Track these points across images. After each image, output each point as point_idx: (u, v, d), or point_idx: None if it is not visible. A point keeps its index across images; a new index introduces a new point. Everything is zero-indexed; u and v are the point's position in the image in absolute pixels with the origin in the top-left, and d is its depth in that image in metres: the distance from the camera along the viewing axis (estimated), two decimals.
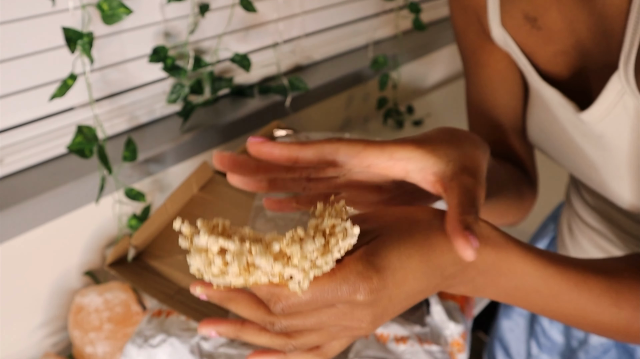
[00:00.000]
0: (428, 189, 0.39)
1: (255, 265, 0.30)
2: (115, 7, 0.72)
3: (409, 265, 0.34)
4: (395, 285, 0.33)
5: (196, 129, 0.97)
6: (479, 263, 0.37)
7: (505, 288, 0.39)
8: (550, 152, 0.59)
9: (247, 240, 0.31)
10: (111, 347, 0.87)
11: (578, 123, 0.51)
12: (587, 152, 0.52)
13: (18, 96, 0.81)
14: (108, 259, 0.64)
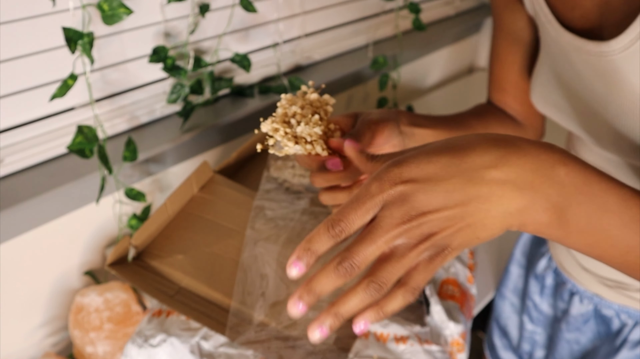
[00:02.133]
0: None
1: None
2: (115, 7, 0.72)
3: (439, 160, 0.35)
4: (426, 177, 0.34)
5: (196, 129, 0.97)
6: (548, 171, 0.35)
7: (588, 214, 0.36)
8: (556, 104, 0.60)
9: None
10: (111, 347, 0.87)
11: (594, 62, 0.52)
12: (598, 91, 0.53)
13: (18, 96, 0.81)
14: (108, 259, 0.64)
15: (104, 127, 0.86)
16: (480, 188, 0.34)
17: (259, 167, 0.84)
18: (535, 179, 0.35)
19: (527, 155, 0.35)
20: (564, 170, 0.35)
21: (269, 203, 0.72)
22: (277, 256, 0.66)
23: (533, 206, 0.35)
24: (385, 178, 0.35)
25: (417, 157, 0.35)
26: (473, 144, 0.35)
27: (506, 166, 0.35)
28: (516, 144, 0.36)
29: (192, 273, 0.66)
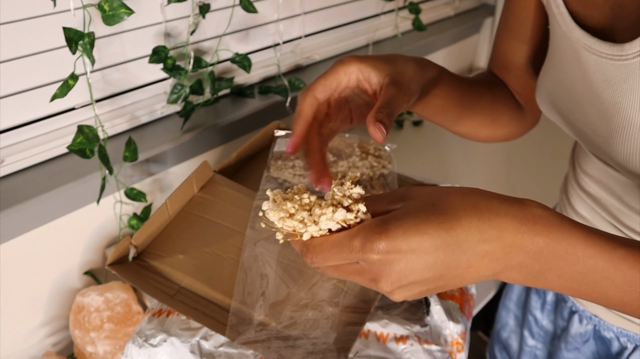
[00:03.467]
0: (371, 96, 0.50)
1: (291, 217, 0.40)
2: (116, 7, 0.72)
3: (426, 231, 0.35)
4: (410, 249, 0.35)
5: (196, 129, 0.97)
6: (526, 243, 0.36)
7: (570, 275, 0.37)
8: (561, 109, 0.58)
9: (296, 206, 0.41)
10: (112, 346, 0.87)
11: (603, 64, 0.49)
12: (604, 97, 0.50)
13: (19, 96, 0.81)
14: (109, 259, 0.64)
15: (104, 127, 0.86)
16: (462, 261, 0.36)
17: (259, 167, 0.84)
18: (513, 251, 0.36)
19: (507, 229, 0.36)
20: (543, 241, 0.36)
21: None
22: (277, 256, 0.66)
23: (506, 271, 0.37)
24: (370, 244, 0.35)
25: (404, 224, 0.35)
26: (458, 214, 0.36)
27: (487, 242, 0.36)
28: (499, 216, 0.36)
29: (193, 272, 0.66)
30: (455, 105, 0.62)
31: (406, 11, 1.32)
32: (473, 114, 0.65)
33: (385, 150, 0.82)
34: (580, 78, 0.53)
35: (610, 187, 0.61)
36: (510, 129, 0.71)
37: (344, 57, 0.49)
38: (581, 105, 0.54)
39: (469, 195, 0.38)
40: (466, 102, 0.63)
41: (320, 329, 0.60)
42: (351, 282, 0.65)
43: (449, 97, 0.60)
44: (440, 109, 0.60)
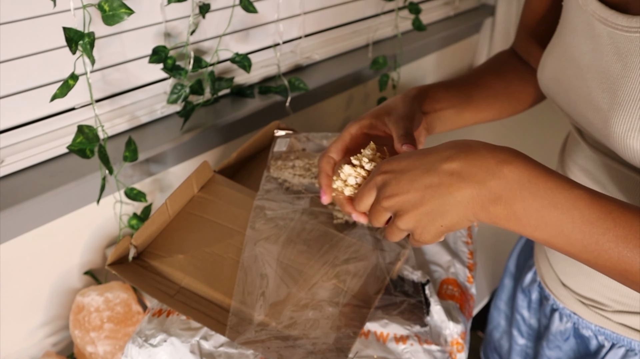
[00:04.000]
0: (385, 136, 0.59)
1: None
2: (116, 7, 0.72)
3: (411, 156, 0.46)
4: (400, 169, 0.45)
5: (196, 129, 0.97)
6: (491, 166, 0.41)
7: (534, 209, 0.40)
8: (564, 84, 0.58)
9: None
10: (112, 346, 0.87)
11: (617, 37, 0.49)
12: (612, 71, 0.51)
13: (19, 96, 0.81)
14: (109, 259, 0.64)
15: (104, 127, 0.86)
16: (433, 177, 0.43)
17: (259, 167, 0.84)
18: (479, 172, 0.41)
19: (476, 153, 0.42)
20: (507, 168, 0.41)
21: (269, 203, 0.72)
22: (277, 256, 0.66)
23: (478, 197, 0.42)
24: (378, 169, 0.47)
25: (400, 157, 0.47)
26: (439, 146, 0.45)
27: (455, 160, 0.42)
28: (471, 146, 0.43)
29: (193, 272, 0.66)
30: (467, 105, 0.67)
31: (406, 11, 1.32)
32: (488, 106, 0.70)
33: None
34: (590, 52, 0.53)
35: (595, 176, 0.62)
36: (533, 100, 0.74)
37: (349, 124, 0.59)
38: (586, 80, 0.54)
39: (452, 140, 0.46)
40: (477, 98, 0.68)
41: (320, 329, 0.60)
42: (351, 282, 0.65)
43: (458, 103, 0.67)
44: (455, 113, 0.67)
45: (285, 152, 0.80)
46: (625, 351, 0.64)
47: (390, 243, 0.70)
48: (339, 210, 0.73)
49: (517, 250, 0.86)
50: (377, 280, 0.66)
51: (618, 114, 0.49)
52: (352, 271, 0.66)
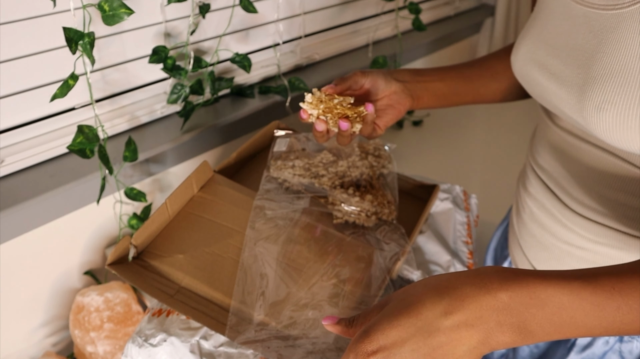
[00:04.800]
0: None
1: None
2: (116, 7, 0.72)
3: (399, 323, 0.40)
4: (392, 343, 0.40)
5: (196, 129, 0.97)
6: (491, 303, 0.40)
7: (547, 319, 0.40)
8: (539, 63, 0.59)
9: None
10: (112, 346, 0.87)
11: (594, 17, 0.52)
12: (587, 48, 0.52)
13: (19, 96, 0.81)
14: (109, 258, 0.64)
15: (104, 127, 0.86)
16: (439, 338, 0.39)
17: (259, 167, 0.84)
18: (483, 314, 0.40)
19: (468, 296, 0.40)
20: (505, 295, 0.40)
21: (269, 203, 0.72)
22: (277, 256, 0.66)
23: (491, 336, 0.40)
24: (359, 351, 0.40)
25: (380, 325, 0.41)
26: (422, 299, 0.41)
27: (454, 313, 0.40)
28: (457, 288, 0.41)
29: (193, 272, 0.66)
30: (461, 82, 0.70)
31: (406, 11, 1.33)
32: (486, 83, 0.73)
33: (385, 149, 0.82)
34: (565, 33, 0.56)
35: (563, 156, 0.63)
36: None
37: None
38: (561, 58, 0.56)
39: (429, 280, 0.43)
40: (471, 76, 0.71)
41: (320, 329, 0.60)
42: (351, 282, 0.65)
43: (448, 78, 0.70)
44: (445, 86, 0.70)
45: (285, 152, 0.80)
46: None
47: (390, 243, 0.70)
48: (339, 210, 0.74)
49: (493, 242, 0.86)
50: (377, 280, 0.66)
51: (593, 88, 0.51)
52: (352, 271, 0.66)
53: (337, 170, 0.78)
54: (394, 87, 0.67)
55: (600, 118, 0.50)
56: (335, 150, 0.81)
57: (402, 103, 0.68)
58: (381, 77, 0.66)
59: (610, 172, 0.57)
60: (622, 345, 0.63)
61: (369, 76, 0.66)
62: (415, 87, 0.69)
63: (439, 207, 0.84)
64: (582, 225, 0.60)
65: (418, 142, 1.40)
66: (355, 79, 0.65)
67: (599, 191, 0.58)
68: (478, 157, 1.40)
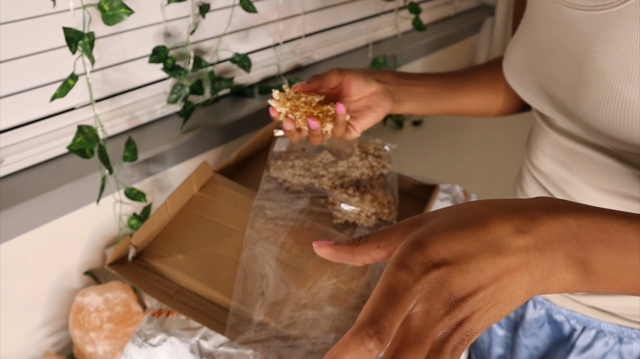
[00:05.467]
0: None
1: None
2: (116, 7, 0.72)
3: (464, 235, 0.33)
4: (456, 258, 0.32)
5: (196, 129, 0.97)
6: (560, 227, 0.35)
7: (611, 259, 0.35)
8: (530, 67, 0.59)
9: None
10: (111, 346, 0.87)
11: (584, 18, 0.51)
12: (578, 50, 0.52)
13: (19, 96, 0.81)
14: (108, 258, 0.64)
15: (104, 127, 0.86)
16: (509, 259, 0.33)
17: (259, 167, 0.84)
18: (553, 239, 0.34)
19: (538, 218, 0.35)
20: (574, 222, 0.35)
21: (269, 203, 0.72)
22: (277, 256, 0.66)
23: (556, 267, 0.35)
24: (414, 264, 0.32)
25: (439, 235, 0.33)
26: (488, 215, 0.35)
27: (525, 233, 0.34)
28: (526, 209, 0.35)
29: (192, 272, 0.66)
30: (445, 89, 0.69)
31: (406, 11, 1.32)
32: (470, 94, 0.71)
33: (385, 149, 0.82)
34: (555, 37, 0.56)
35: (560, 159, 0.63)
36: (520, 102, 0.75)
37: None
38: (552, 61, 0.56)
39: (488, 200, 0.37)
40: (456, 84, 0.70)
41: (320, 329, 0.60)
42: (351, 282, 0.65)
43: (433, 84, 0.68)
44: (429, 92, 0.68)
45: (285, 152, 0.80)
46: (596, 332, 0.65)
47: None
48: (339, 210, 0.73)
49: None
50: (377, 280, 0.66)
51: (587, 88, 0.51)
52: (352, 271, 0.66)
53: (337, 170, 0.78)
54: (374, 87, 0.64)
55: (595, 117, 0.51)
56: (335, 150, 0.81)
57: (382, 106, 0.64)
58: (360, 76, 0.63)
59: (606, 173, 0.57)
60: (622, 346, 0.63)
61: (346, 74, 0.63)
62: (397, 90, 0.66)
63: (439, 207, 0.84)
64: None
65: (418, 142, 1.40)
66: (331, 77, 0.62)
67: (595, 192, 0.59)
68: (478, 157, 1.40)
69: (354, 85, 0.63)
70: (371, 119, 0.64)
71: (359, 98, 0.64)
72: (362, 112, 0.64)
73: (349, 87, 0.63)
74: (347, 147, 0.81)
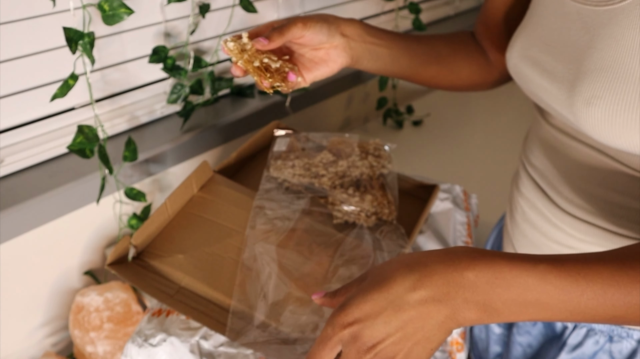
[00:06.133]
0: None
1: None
2: (116, 7, 0.72)
3: (372, 297, 0.43)
4: (365, 315, 0.42)
5: (196, 129, 0.97)
6: (458, 280, 0.42)
7: (512, 299, 0.41)
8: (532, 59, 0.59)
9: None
10: (111, 346, 0.87)
11: (587, 13, 0.52)
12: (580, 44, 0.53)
13: (19, 96, 0.81)
14: (108, 258, 0.64)
15: (104, 127, 0.86)
16: (408, 312, 0.42)
17: (259, 167, 0.84)
18: (450, 290, 0.42)
19: (435, 272, 0.42)
20: (472, 273, 0.42)
21: (269, 202, 0.72)
22: (277, 256, 0.66)
23: (458, 311, 0.42)
24: (336, 323, 0.43)
25: (355, 299, 0.43)
26: (394, 274, 0.43)
27: (422, 288, 0.42)
28: (426, 264, 0.43)
29: (192, 272, 0.66)
30: (405, 54, 0.67)
31: (406, 11, 1.33)
32: (427, 64, 0.70)
33: (385, 149, 0.82)
34: (558, 29, 0.56)
35: (554, 153, 0.63)
36: (472, 82, 0.75)
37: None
38: (553, 54, 0.57)
39: (402, 257, 0.45)
40: (417, 52, 0.68)
41: (319, 330, 0.60)
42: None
43: (395, 46, 0.66)
44: (389, 54, 0.66)
45: (285, 152, 0.80)
46: (587, 331, 0.65)
47: (390, 243, 0.70)
48: (339, 210, 0.74)
49: (489, 244, 0.86)
50: None
51: (583, 82, 0.51)
52: (352, 271, 0.66)
53: (337, 170, 0.78)
54: (336, 41, 0.61)
55: (588, 113, 0.51)
56: (335, 150, 0.81)
57: (338, 62, 0.62)
58: (325, 29, 0.59)
59: (599, 170, 0.57)
60: (612, 345, 0.63)
61: (310, 28, 0.58)
62: (358, 47, 0.63)
63: (439, 207, 0.84)
64: (571, 223, 0.61)
65: (418, 142, 1.40)
66: (294, 31, 0.57)
67: (587, 190, 0.59)
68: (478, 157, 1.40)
69: (316, 38, 0.59)
70: (323, 73, 0.62)
71: (318, 49, 0.61)
72: (316, 64, 0.61)
73: (311, 39, 0.59)
74: (347, 146, 0.81)
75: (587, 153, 0.58)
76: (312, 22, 0.58)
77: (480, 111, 1.59)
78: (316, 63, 0.61)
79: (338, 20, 0.61)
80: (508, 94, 1.70)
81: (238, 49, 0.56)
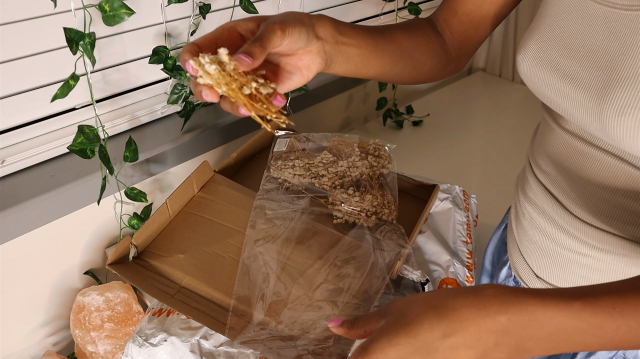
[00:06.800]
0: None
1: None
2: (116, 8, 0.72)
3: (398, 343, 0.42)
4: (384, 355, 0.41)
5: (197, 129, 0.97)
6: (490, 325, 0.41)
7: (544, 338, 0.41)
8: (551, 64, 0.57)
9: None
10: (112, 346, 0.87)
11: (615, 17, 0.50)
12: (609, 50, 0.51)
13: (20, 97, 0.81)
14: (109, 258, 0.65)
15: (105, 127, 0.86)
16: (437, 357, 0.41)
17: (259, 167, 0.84)
18: (482, 336, 0.41)
19: (467, 319, 0.41)
20: (504, 317, 0.41)
21: (269, 203, 0.73)
22: (277, 256, 0.66)
23: (488, 354, 0.41)
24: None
25: (379, 343, 0.42)
26: (421, 319, 0.42)
27: (452, 336, 0.41)
28: (456, 309, 0.42)
29: (193, 272, 0.66)
30: (372, 51, 0.62)
31: (406, 11, 1.33)
32: (394, 62, 0.66)
33: (385, 149, 0.83)
34: (581, 33, 0.53)
35: (569, 160, 0.61)
36: (431, 76, 0.72)
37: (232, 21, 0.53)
38: (576, 59, 0.54)
39: (429, 297, 0.44)
40: (383, 48, 0.63)
41: (319, 329, 0.60)
42: (351, 282, 0.65)
43: (363, 45, 0.61)
44: (359, 54, 0.60)
45: (285, 152, 0.81)
46: None
47: (390, 242, 0.70)
48: (339, 210, 0.74)
49: (491, 247, 0.85)
50: (377, 280, 0.66)
51: (615, 91, 0.49)
52: (352, 271, 0.66)
53: (337, 170, 0.78)
54: (313, 46, 0.54)
55: (620, 122, 0.49)
56: (335, 150, 0.81)
57: (311, 69, 0.55)
58: (304, 34, 0.52)
59: (617, 178, 0.56)
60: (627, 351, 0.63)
61: (288, 36, 0.50)
62: (332, 50, 0.57)
63: (438, 207, 0.84)
64: (585, 231, 0.60)
65: (418, 142, 1.40)
66: (274, 41, 0.49)
67: (603, 197, 0.57)
68: (478, 157, 1.40)
69: (295, 45, 0.52)
70: (297, 83, 0.55)
71: (289, 55, 0.54)
72: (289, 73, 0.54)
73: (289, 47, 0.51)
74: (347, 146, 0.81)
75: (605, 159, 0.56)
76: (290, 26, 0.50)
77: (480, 111, 1.59)
78: (289, 73, 0.54)
79: (312, 20, 0.54)
80: (508, 94, 1.70)
81: (219, 72, 0.45)
